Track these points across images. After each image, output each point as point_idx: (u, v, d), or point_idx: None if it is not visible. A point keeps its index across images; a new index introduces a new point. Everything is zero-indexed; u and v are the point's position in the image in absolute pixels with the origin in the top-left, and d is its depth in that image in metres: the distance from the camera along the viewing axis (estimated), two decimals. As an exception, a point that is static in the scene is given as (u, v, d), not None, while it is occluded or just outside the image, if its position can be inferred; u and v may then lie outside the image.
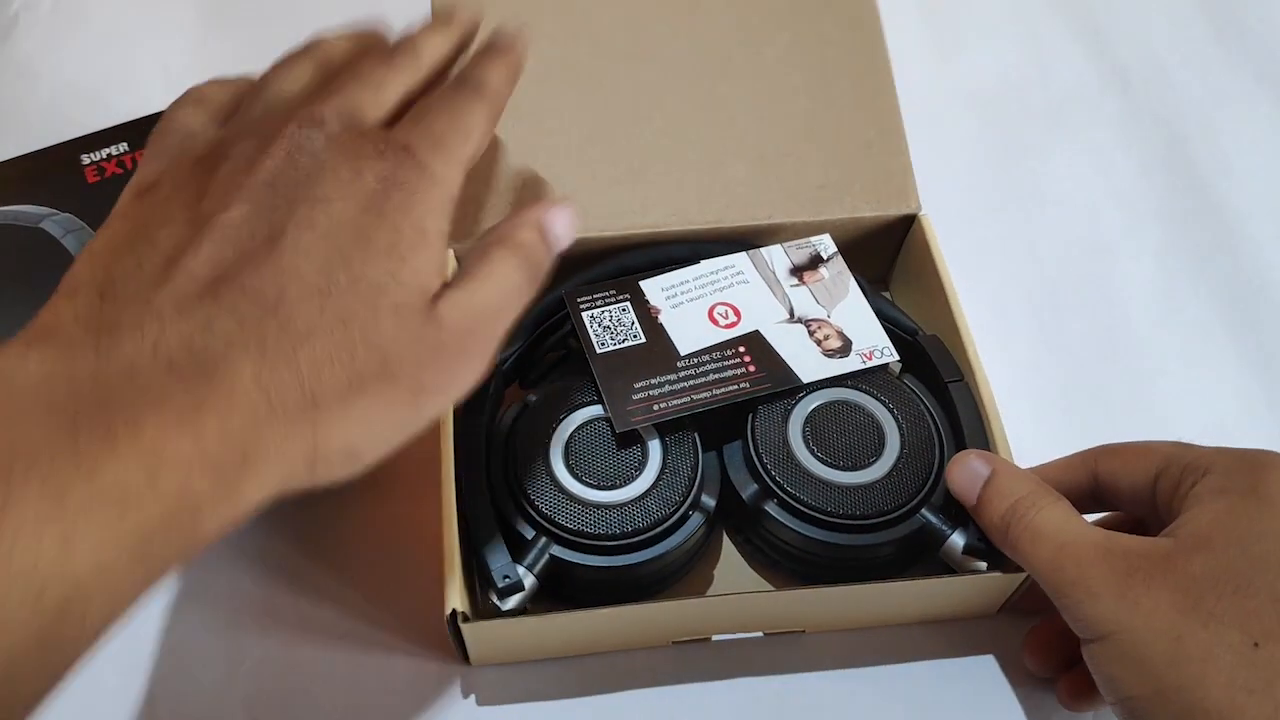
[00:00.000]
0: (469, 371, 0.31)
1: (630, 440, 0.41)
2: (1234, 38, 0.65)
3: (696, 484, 0.41)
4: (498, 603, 0.38)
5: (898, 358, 0.44)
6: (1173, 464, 0.36)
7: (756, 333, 0.44)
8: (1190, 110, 0.62)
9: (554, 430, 0.42)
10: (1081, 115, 0.62)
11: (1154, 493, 0.37)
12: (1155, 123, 0.61)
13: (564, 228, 0.34)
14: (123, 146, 0.52)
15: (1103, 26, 0.66)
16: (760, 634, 0.43)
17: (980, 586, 0.41)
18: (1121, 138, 0.61)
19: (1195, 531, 0.33)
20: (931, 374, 0.44)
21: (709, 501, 0.41)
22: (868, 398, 0.43)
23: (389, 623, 0.43)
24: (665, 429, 0.42)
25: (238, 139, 0.31)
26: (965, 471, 0.39)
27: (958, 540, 0.40)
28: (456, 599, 0.37)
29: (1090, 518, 0.38)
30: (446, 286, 0.31)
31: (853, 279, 0.47)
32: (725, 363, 0.43)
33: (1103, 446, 0.40)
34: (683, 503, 0.40)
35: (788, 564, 0.43)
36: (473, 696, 0.42)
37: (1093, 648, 0.34)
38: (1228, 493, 0.34)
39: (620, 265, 0.47)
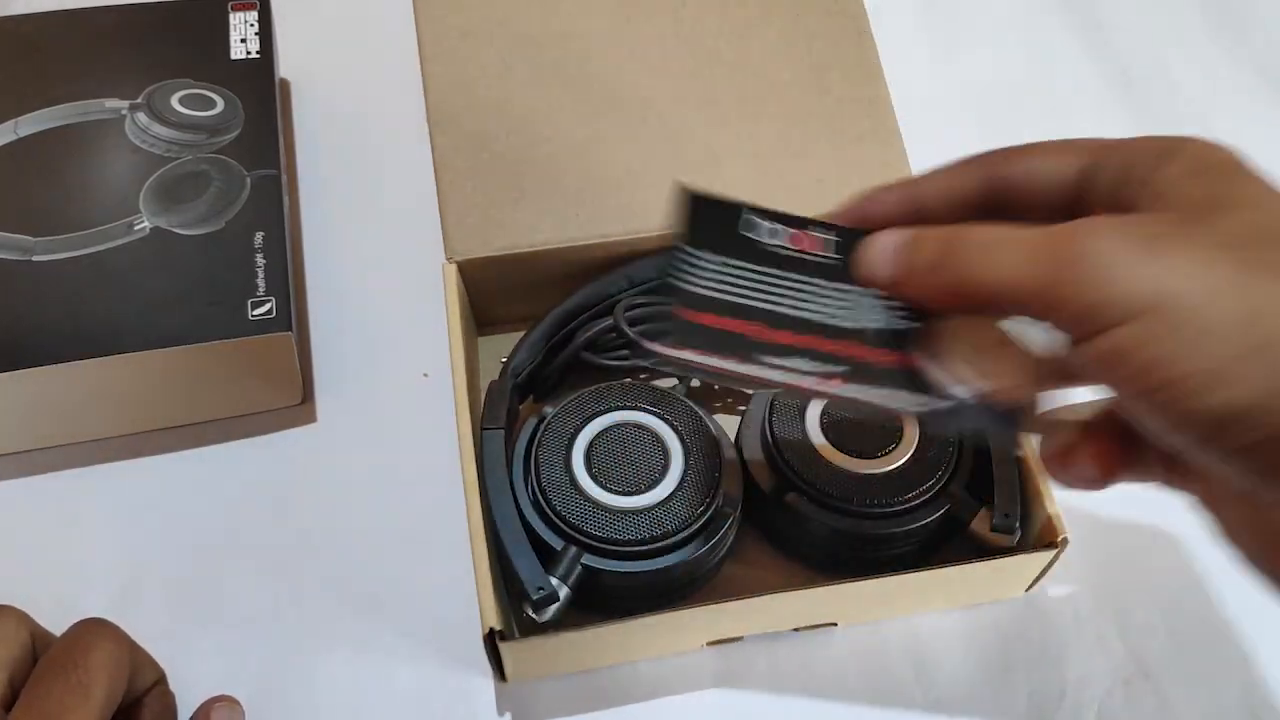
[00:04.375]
0: None
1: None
2: (1235, 38, 0.65)
3: (720, 483, 0.41)
4: (533, 615, 0.37)
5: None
6: (1112, 155, 0.30)
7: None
8: (1191, 110, 0.62)
9: (574, 440, 0.41)
10: (1082, 114, 0.61)
11: (1085, 189, 0.31)
12: (1156, 123, 0.61)
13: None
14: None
15: (1103, 25, 0.65)
16: (793, 630, 0.43)
17: (1008, 569, 0.41)
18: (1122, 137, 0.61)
19: (1201, 202, 0.27)
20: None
21: (734, 498, 0.41)
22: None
23: (421, 637, 0.43)
24: (685, 430, 0.42)
25: None
26: (873, 250, 0.32)
27: (985, 519, 0.40)
28: (493, 617, 0.36)
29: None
30: None
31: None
32: None
33: (1003, 149, 0.32)
34: (709, 502, 0.40)
35: (816, 556, 0.43)
36: (509, 715, 0.41)
37: (1122, 334, 0.26)
38: (1210, 171, 0.28)
39: (627, 275, 0.46)
